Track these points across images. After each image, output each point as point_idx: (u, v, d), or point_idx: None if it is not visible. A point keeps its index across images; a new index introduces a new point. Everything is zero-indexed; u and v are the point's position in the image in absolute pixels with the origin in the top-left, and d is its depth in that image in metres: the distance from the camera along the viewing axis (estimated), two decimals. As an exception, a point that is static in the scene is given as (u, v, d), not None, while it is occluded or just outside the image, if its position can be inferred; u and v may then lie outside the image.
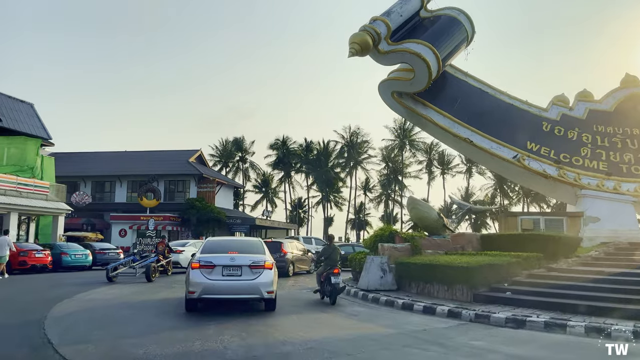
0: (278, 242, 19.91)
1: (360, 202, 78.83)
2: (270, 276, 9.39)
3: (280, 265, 18.35)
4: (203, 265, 9.21)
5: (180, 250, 22.00)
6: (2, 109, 29.93)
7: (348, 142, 70.43)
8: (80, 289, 13.96)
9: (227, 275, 9.17)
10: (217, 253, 9.63)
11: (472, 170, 72.21)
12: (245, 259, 9.39)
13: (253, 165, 74.11)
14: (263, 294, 9.27)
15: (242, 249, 9.94)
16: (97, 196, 48.58)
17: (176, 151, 51.07)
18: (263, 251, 10.08)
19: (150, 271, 17.02)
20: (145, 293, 13.49)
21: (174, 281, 17.48)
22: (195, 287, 9.11)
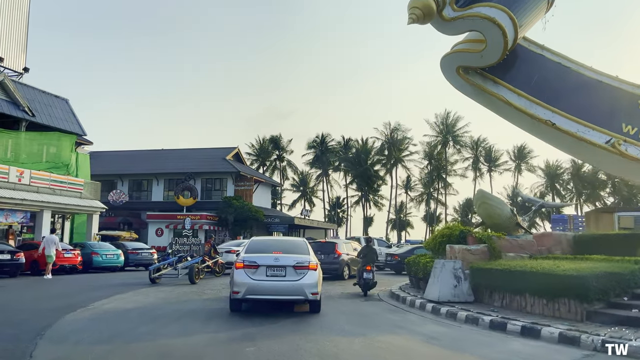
0: (332, 243, 18.66)
1: (401, 202, 76.07)
2: (314, 277, 9.16)
3: (333, 268, 17.09)
4: (247, 265, 9.10)
5: (235, 250, 20.69)
6: (36, 104, 29.05)
7: (388, 138, 67.74)
8: (107, 292, 12.35)
9: (271, 275, 9.02)
10: (261, 253, 9.47)
11: (521, 167, 68.29)
12: (289, 259, 9.22)
13: (290, 163, 72.53)
14: (307, 295, 9.05)
15: (286, 249, 9.75)
16: (134, 195, 47.88)
17: (213, 149, 49.87)
18: (307, 251, 9.84)
19: (194, 273, 15.90)
20: (180, 299, 11.67)
21: (221, 284, 15.94)
22: (239, 287, 9.01)
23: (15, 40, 31.64)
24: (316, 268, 9.33)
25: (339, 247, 18.17)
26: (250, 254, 9.47)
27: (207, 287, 15.14)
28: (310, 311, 9.61)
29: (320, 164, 70.98)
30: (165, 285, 15.85)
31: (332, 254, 17.61)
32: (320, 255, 16.80)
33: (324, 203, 73.75)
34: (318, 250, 17.36)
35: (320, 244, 19.46)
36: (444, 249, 12.19)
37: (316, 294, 9.16)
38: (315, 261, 9.48)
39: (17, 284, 16.22)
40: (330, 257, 17.48)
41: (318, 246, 18.37)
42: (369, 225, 74.91)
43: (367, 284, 13.18)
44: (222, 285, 15.69)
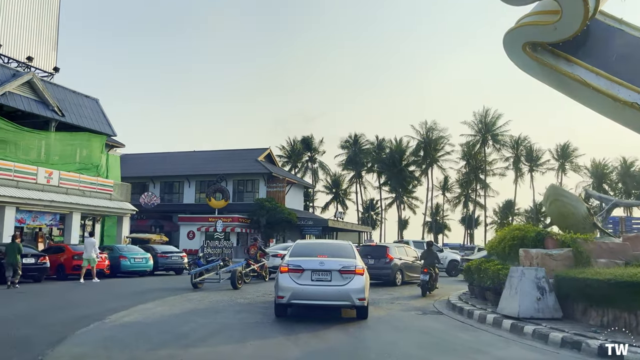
0: (383, 247, 17.73)
1: (436, 204, 73.51)
2: (361, 282, 8.84)
3: (385, 273, 16.33)
4: (292, 269, 8.91)
5: (282, 254, 19.41)
6: (65, 104, 28.38)
7: (424, 138, 65.32)
8: (129, 301, 11.01)
9: (317, 280, 8.81)
10: (306, 257, 9.26)
11: (565, 166, 64.81)
12: (335, 263, 8.95)
13: (322, 165, 70.98)
14: (354, 300, 8.74)
15: (331, 253, 9.50)
16: (165, 197, 47.24)
17: (244, 150, 48.86)
18: (354, 255, 9.48)
19: (236, 277, 14.93)
20: (211, 309, 10.20)
21: (263, 290, 14.69)
22: (284, 292, 8.78)
23: (46, 40, 31.14)
24: (363, 273, 8.97)
25: (390, 252, 17.06)
26: (295, 258, 9.23)
27: (247, 293, 13.78)
28: (357, 317, 9.24)
29: (353, 165, 69.18)
30: (203, 290, 14.69)
31: (382, 259, 16.66)
32: (370, 260, 16.26)
33: (357, 205, 71.98)
34: (368, 254, 16.74)
35: (370, 247, 18.72)
36: (515, 253, 10.35)
37: (363, 300, 8.82)
38: (361, 265, 9.11)
39: (39, 290, 15.15)
40: (381, 262, 16.58)
41: (368, 250, 17.69)
42: (403, 228, 72.65)
43: (423, 285, 13.79)
44: (264, 291, 14.41)
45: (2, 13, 28.38)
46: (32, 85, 26.05)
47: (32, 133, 25.98)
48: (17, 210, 23.23)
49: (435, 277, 14.35)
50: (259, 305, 11.25)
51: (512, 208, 71.13)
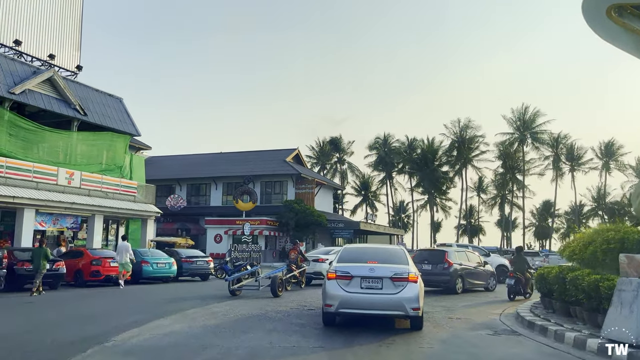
0: (441, 252, 16.53)
1: (470, 206, 70.66)
2: (415, 290, 8.19)
3: (443, 279, 15.46)
4: (340, 275, 8.38)
5: (323, 259, 18.47)
6: (88, 103, 27.32)
7: (458, 136, 62.64)
8: (144, 315, 9.45)
9: (366, 287, 8.25)
10: (355, 262, 8.69)
11: (609, 165, 61.17)
12: (386, 269, 8.35)
13: (351, 166, 69.06)
14: (407, 310, 8.10)
15: (382, 258, 8.86)
16: (192, 200, 46.18)
17: (272, 151, 47.44)
18: (406, 261, 8.82)
19: (277, 284, 13.77)
20: (239, 326, 8.52)
21: (304, 299, 13.23)
22: (332, 300, 8.28)
23: (69, 40, 30.25)
24: (417, 280, 8.30)
25: (449, 256, 15.87)
26: (343, 264, 8.64)
27: (283, 303, 12.16)
28: (411, 328, 8.60)
29: (383, 166, 67.02)
30: (239, 298, 13.31)
31: (441, 264, 15.55)
32: (427, 265, 15.48)
33: (387, 208, 69.76)
34: (425, 259, 16.03)
35: (427, 252, 17.78)
36: (613, 260, 8.29)
37: (417, 309, 8.14)
38: (415, 272, 8.45)
39: (50, 299, 13.76)
40: (438, 268, 15.53)
41: (424, 255, 16.83)
42: (436, 231, 70.06)
43: (510, 289, 13.94)
44: (301, 300, 12.82)
45: (24, 12, 27.56)
46: (53, 83, 25.01)
47: (53, 132, 24.93)
48: (37, 213, 22.15)
49: (526, 282, 14.26)
50: (294, 319, 9.53)
51: (551, 209, 67.72)
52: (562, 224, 71.08)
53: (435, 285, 15.46)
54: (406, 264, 8.64)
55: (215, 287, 18.97)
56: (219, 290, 16.97)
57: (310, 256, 19.52)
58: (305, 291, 15.57)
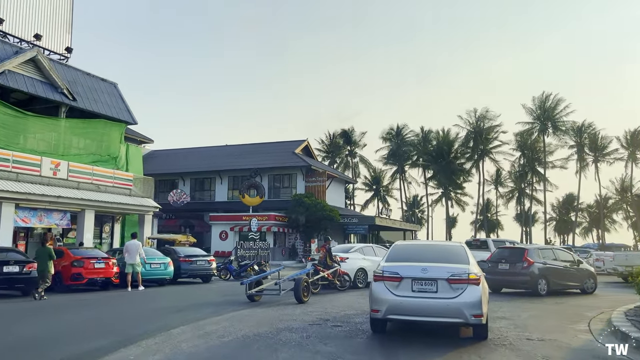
0: (520, 249, 15.29)
1: (487, 199, 67.64)
2: (476, 294, 6.93)
3: (522, 280, 14.37)
4: (387, 276, 7.30)
5: (343, 257, 15.85)
6: (78, 87, 24.80)
7: (474, 127, 59.54)
8: (123, 335, 6.87)
9: (418, 290, 7.13)
10: (405, 262, 7.54)
11: (636, 155, 57.84)
12: (441, 270, 7.15)
13: (363, 159, 66.21)
14: (467, 317, 6.82)
15: (437, 257, 7.67)
16: (196, 195, 43.72)
17: (280, 142, 44.86)
18: (466, 260, 7.54)
19: (302, 288, 11.75)
20: (268, 345, 5.89)
21: (340, 304, 11.26)
22: (379, 305, 7.24)
23: (59, 21, 27.67)
24: (479, 282, 7.12)
25: (529, 254, 14.56)
26: (391, 263, 7.69)
27: (309, 311, 9.93)
28: (474, 337, 7.45)
29: (396, 159, 64.12)
30: (256, 306, 11.07)
31: (519, 263, 14.37)
32: (504, 265, 14.66)
33: (401, 203, 66.87)
34: (502, 258, 15.03)
35: (505, 250, 16.32)
36: None
37: (480, 316, 6.96)
38: (477, 272, 7.30)
39: (14, 310, 11.22)
40: (517, 267, 14.40)
41: (502, 254, 15.62)
42: (452, 226, 67.26)
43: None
44: (330, 307, 10.58)
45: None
46: (37, 64, 22.49)
47: (39, 119, 22.47)
48: (17, 208, 19.66)
49: None
50: (318, 344, 6.86)
51: (574, 203, 64.54)
52: (584, 219, 67.90)
53: (513, 287, 14.63)
54: (466, 263, 7.44)
55: (218, 290, 16.45)
56: (221, 295, 14.45)
57: None
58: (341, 295, 13.66)
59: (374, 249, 17.47)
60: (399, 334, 7.93)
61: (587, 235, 69.81)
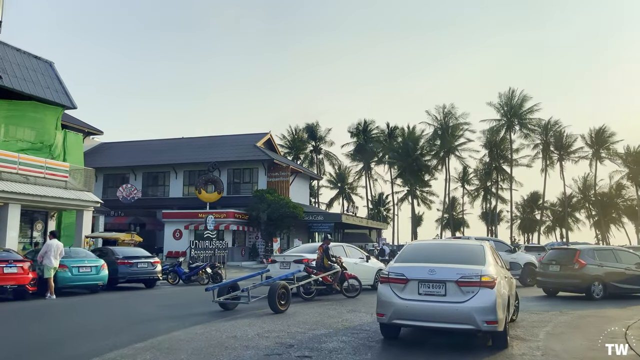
0: (571, 250, 14.63)
1: (452, 198, 66.79)
2: (489, 298, 6.32)
3: (572, 283, 13.70)
4: (393, 278, 6.83)
5: (308, 259, 13.48)
6: (5, 64, 21.53)
7: (441, 124, 58.33)
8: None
9: (425, 294, 6.57)
10: (413, 262, 7.04)
11: (600, 154, 57.95)
12: (450, 271, 6.56)
13: (329, 155, 64.00)
14: (479, 324, 6.24)
15: (450, 258, 7.07)
16: (149, 191, 40.49)
17: (241, 135, 42.20)
18: (482, 260, 6.86)
19: (278, 295, 9.94)
20: None
21: (307, 317, 9.36)
22: (384, 309, 6.81)
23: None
24: (493, 284, 6.39)
25: (582, 256, 13.66)
26: (399, 264, 7.09)
27: (279, 331, 7.75)
28: (492, 346, 6.67)
29: (362, 156, 62.29)
30: (211, 320, 8.98)
31: (570, 265, 13.66)
32: (554, 266, 14.11)
33: (366, 201, 65.04)
34: (552, 260, 14.42)
35: (556, 252, 15.71)
36: None
37: (494, 323, 6.24)
38: (492, 274, 6.48)
39: None
40: (568, 269, 13.71)
41: (553, 255, 15.01)
42: (417, 225, 65.97)
43: None
44: (309, 323, 8.53)
45: None
46: (-49, 33, 19.16)
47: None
48: None
49: None
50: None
51: (539, 201, 64.38)
52: (548, 217, 68.04)
53: (565, 290, 14.08)
54: (481, 263, 6.78)
55: (161, 298, 13.97)
56: (162, 305, 11.99)
57: (289, 256, 14.64)
58: (308, 306, 11.19)
59: (345, 249, 15.30)
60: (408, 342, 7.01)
61: (551, 234, 70.27)
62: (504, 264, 8.49)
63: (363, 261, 15.34)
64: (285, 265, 13.97)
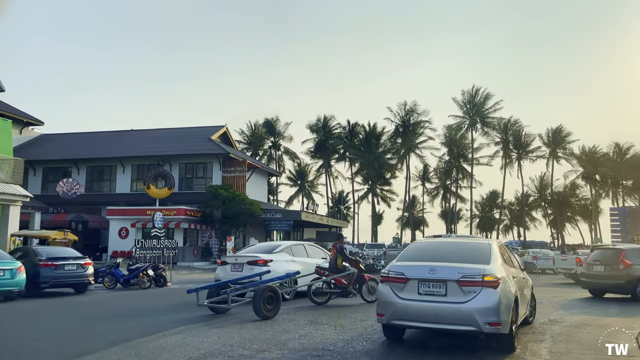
0: (617, 251, 14.00)
1: (413, 196, 66.35)
2: (492, 298, 6.07)
3: (616, 284, 13.19)
4: (393, 277, 6.66)
5: (265, 259, 12.13)
6: None
7: (403, 121, 57.52)
8: None
9: (425, 293, 6.37)
10: (415, 261, 6.89)
11: (557, 153, 58.64)
12: (451, 270, 6.35)
13: (288, 151, 62.12)
14: (480, 325, 5.99)
15: (453, 256, 6.83)
16: (93, 186, 37.58)
17: (195, 128, 39.85)
18: (487, 259, 6.60)
19: (260, 300, 8.98)
20: None
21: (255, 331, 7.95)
22: (383, 309, 6.69)
23: None
24: (497, 284, 6.13)
25: (627, 256, 13.23)
26: (400, 263, 6.91)
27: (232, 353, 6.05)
28: (497, 349, 6.36)
29: (322, 152, 60.81)
30: (145, 334, 7.41)
31: (615, 265, 13.31)
32: (599, 267, 13.87)
33: (327, 199, 63.64)
34: (596, 260, 14.16)
35: (600, 251, 15.19)
36: None
37: (496, 324, 5.97)
38: (496, 274, 6.23)
39: None
40: (612, 270, 13.39)
41: (597, 255, 14.63)
42: (377, 223, 65.14)
43: None
44: (258, 341, 7.07)
45: None
46: None
47: None
48: None
49: None
50: None
51: (497, 200, 64.80)
52: (505, 216, 68.64)
53: (609, 291, 13.75)
54: (485, 262, 6.42)
55: (87, 307, 11.89)
56: (84, 316, 9.89)
57: (242, 256, 12.95)
58: (360, 307, 10.62)
59: (307, 248, 13.76)
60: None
61: (508, 233, 71.07)
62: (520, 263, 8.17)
63: (326, 261, 13.84)
64: (237, 267, 12.36)
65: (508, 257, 7.37)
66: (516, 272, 7.28)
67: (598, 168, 58.34)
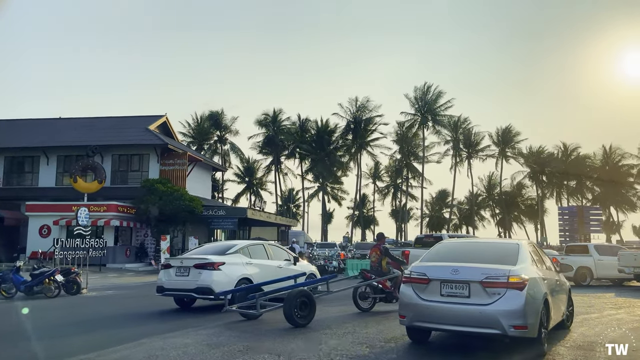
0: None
1: (363, 194, 65.20)
2: (518, 300, 5.89)
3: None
4: (415, 278, 6.55)
5: (216, 263, 10.46)
6: None
7: (355, 117, 56.07)
8: None
9: (448, 295, 6.25)
10: (438, 261, 6.72)
11: (506, 152, 59.03)
12: (474, 271, 6.17)
13: (234, 147, 59.26)
14: (505, 328, 5.83)
15: (479, 257, 6.68)
16: (13, 179, 33.69)
17: (131, 117, 36.57)
18: (514, 260, 6.36)
19: (292, 306, 8.25)
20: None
21: None
22: (405, 310, 6.62)
23: None
24: (523, 286, 5.93)
25: None
26: (423, 263, 6.79)
27: None
28: (525, 354, 6.23)
29: (272, 148, 58.44)
30: None
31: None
32: None
33: (275, 197, 61.25)
34: None
35: None
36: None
37: (522, 328, 5.81)
38: (522, 275, 6.02)
39: None
40: None
41: None
42: (328, 222, 63.48)
43: None
44: None
45: None
46: None
47: None
48: None
49: None
50: None
51: (447, 199, 64.73)
52: (455, 215, 68.84)
53: None
54: (512, 263, 6.19)
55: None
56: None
57: (189, 258, 11.05)
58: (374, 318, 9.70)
59: (267, 249, 11.87)
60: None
61: (457, 232, 71.17)
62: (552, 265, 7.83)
63: (290, 264, 11.93)
64: (182, 271, 10.55)
65: (539, 258, 7.11)
66: (548, 274, 7.00)
67: (544, 168, 59.27)
